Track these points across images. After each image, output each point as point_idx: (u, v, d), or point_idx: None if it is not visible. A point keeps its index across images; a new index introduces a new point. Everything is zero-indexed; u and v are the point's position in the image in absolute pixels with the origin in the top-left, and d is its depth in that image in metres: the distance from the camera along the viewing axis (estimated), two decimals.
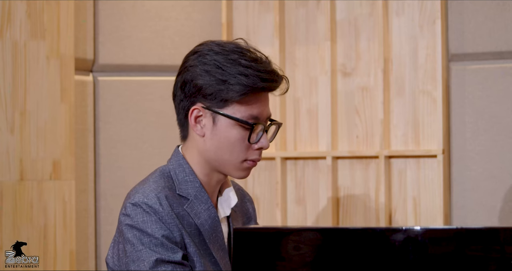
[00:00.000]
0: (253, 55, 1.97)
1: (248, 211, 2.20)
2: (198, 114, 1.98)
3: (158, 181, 1.98)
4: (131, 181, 3.34)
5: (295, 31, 3.34)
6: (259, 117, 1.98)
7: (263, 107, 1.98)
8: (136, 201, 1.93)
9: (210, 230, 1.99)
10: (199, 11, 3.45)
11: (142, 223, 1.91)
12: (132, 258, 1.90)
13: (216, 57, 1.96)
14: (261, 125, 1.98)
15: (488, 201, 3.09)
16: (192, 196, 1.99)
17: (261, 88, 1.95)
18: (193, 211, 1.97)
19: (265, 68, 1.96)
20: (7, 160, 3.03)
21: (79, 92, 3.30)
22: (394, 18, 3.22)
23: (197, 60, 1.97)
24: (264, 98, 1.99)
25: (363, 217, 3.22)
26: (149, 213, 1.92)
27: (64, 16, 3.15)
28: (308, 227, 2.04)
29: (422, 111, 3.17)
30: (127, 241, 1.91)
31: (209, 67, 1.95)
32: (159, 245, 1.89)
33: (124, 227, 1.93)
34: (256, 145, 1.99)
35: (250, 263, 1.57)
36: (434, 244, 1.54)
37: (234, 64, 1.94)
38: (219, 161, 1.99)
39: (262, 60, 1.98)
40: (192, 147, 2.02)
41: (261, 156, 2.01)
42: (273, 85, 1.97)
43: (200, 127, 1.98)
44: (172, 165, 2.03)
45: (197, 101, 1.97)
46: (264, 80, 1.95)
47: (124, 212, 1.95)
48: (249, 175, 2.03)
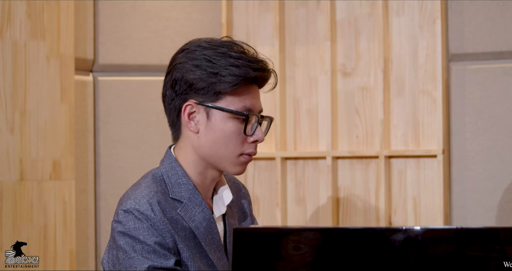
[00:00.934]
0: (240, 48, 1.98)
1: (244, 206, 2.18)
2: (191, 110, 1.97)
3: (150, 186, 1.97)
4: (131, 181, 3.33)
5: (295, 31, 3.34)
6: (252, 109, 1.97)
7: (255, 100, 1.99)
8: (128, 208, 1.92)
9: (205, 232, 1.98)
10: (199, 11, 3.44)
11: (134, 230, 1.90)
12: (125, 265, 1.89)
13: (205, 52, 1.96)
14: (255, 116, 1.98)
15: (488, 201, 3.09)
16: (186, 199, 1.98)
17: (252, 79, 1.96)
18: (187, 214, 1.96)
19: (255, 58, 1.97)
20: (7, 160, 3.03)
21: (79, 92, 3.30)
22: (394, 18, 3.22)
23: (185, 57, 1.97)
24: (255, 91, 1.99)
25: (363, 217, 3.22)
26: (141, 220, 1.91)
27: (64, 16, 3.15)
28: (308, 227, 2.03)
29: (422, 111, 3.17)
30: (120, 248, 1.91)
31: (199, 62, 1.95)
32: (151, 252, 1.89)
33: (116, 234, 1.92)
34: (252, 138, 1.98)
35: (250, 263, 1.57)
36: (434, 244, 1.54)
37: (224, 56, 1.95)
38: (214, 156, 1.98)
39: (250, 52, 1.99)
40: (186, 146, 2.01)
41: (256, 149, 2.01)
42: (264, 74, 1.98)
43: (194, 123, 1.97)
44: (165, 167, 2.01)
45: (189, 98, 1.97)
46: (255, 69, 1.95)
47: (116, 219, 1.94)
48: (245, 170, 2.02)
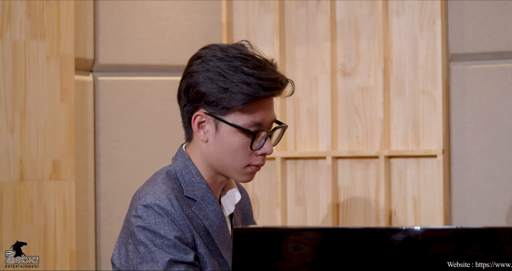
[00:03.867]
0: (256, 62, 1.96)
1: (245, 209, 2.22)
2: (201, 120, 1.99)
3: (167, 182, 1.99)
4: (131, 181, 3.36)
5: (295, 31, 3.34)
6: (262, 123, 1.98)
7: (266, 114, 1.99)
8: (148, 203, 1.94)
9: (218, 230, 2.00)
10: (199, 11, 3.44)
11: (154, 225, 1.92)
12: (146, 259, 1.91)
13: (218, 64, 1.96)
14: (264, 132, 1.98)
15: (488, 201, 3.09)
16: (199, 198, 2.00)
17: (263, 97, 1.95)
18: (201, 213, 1.99)
19: (268, 76, 1.95)
20: (7, 160, 3.03)
21: (79, 92, 3.30)
22: (394, 18, 3.22)
23: (200, 66, 1.97)
24: (268, 104, 1.99)
25: (363, 217, 3.22)
26: (161, 215, 1.93)
27: (64, 16, 3.15)
28: (308, 227, 2.03)
29: (422, 111, 3.17)
30: (140, 243, 1.93)
31: (212, 75, 1.95)
32: (171, 246, 1.91)
33: (136, 228, 1.94)
34: (260, 151, 2.00)
35: (250, 263, 1.57)
36: (434, 244, 1.54)
37: (236, 71, 1.94)
38: (222, 165, 2.01)
39: (266, 67, 1.97)
40: (196, 150, 2.03)
41: (264, 160, 2.02)
42: (275, 93, 1.97)
43: (203, 132, 2.00)
44: (178, 166, 2.03)
45: (200, 107, 1.98)
46: (266, 88, 1.94)
47: (135, 214, 1.95)
48: (252, 178, 2.04)
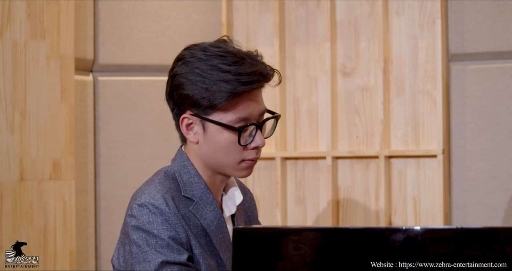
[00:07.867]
0: (234, 58, 1.95)
1: (249, 210, 2.20)
2: (188, 122, 1.98)
3: (164, 182, 1.98)
4: (131, 181, 3.36)
5: (295, 31, 3.34)
6: (249, 117, 1.96)
7: (252, 107, 1.97)
8: (142, 202, 1.93)
9: (216, 231, 1.99)
10: (199, 11, 3.44)
11: (148, 224, 1.91)
12: (138, 259, 1.89)
13: (198, 64, 1.95)
14: (251, 126, 1.97)
15: (488, 201, 3.09)
16: (197, 198, 1.99)
17: (243, 92, 1.94)
18: (199, 212, 1.98)
19: (245, 70, 1.93)
20: (7, 160, 3.03)
21: (79, 92, 3.30)
22: (394, 18, 3.22)
23: (181, 68, 1.97)
24: (253, 97, 1.97)
25: (363, 217, 3.22)
26: (155, 214, 1.92)
27: (64, 16, 3.15)
28: (308, 227, 2.04)
29: (422, 111, 3.17)
30: (133, 243, 1.91)
31: (192, 77, 1.95)
32: (165, 246, 1.89)
33: (130, 228, 1.93)
34: (250, 145, 1.98)
35: (250, 263, 1.57)
36: (434, 244, 1.54)
37: (214, 70, 1.93)
38: (217, 164, 2.00)
39: (244, 61, 1.95)
40: (191, 152, 2.03)
41: (259, 153, 2.01)
42: (255, 86, 1.95)
43: (193, 134, 1.99)
44: (177, 166, 2.03)
45: (186, 109, 1.98)
46: (244, 83, 1.93)
47: (130, 213, 1.94)
48: (251, 172, 2.03)
